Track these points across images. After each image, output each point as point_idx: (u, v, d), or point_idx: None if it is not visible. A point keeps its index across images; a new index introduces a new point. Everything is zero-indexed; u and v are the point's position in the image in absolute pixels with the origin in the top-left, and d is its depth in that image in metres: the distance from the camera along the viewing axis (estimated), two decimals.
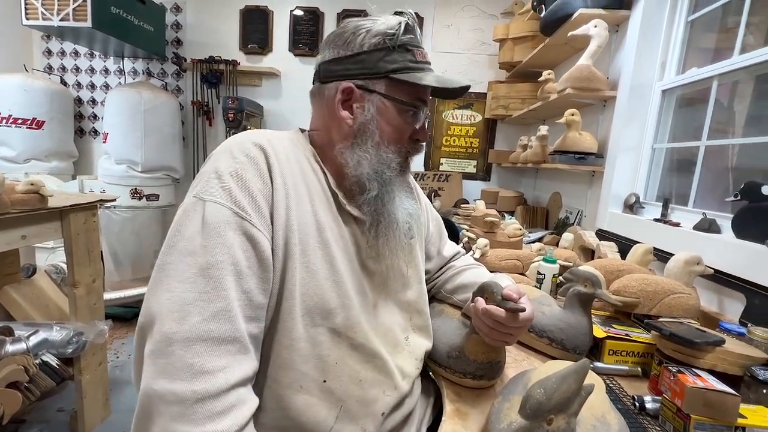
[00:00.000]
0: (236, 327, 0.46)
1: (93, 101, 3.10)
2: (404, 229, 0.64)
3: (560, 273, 1.11)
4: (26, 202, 1.16)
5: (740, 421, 0.56)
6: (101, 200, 1.47)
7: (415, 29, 0.63)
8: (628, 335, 0.83)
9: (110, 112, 2.61)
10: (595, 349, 0.83)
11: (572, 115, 1.66)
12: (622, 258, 1.25)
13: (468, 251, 1.40)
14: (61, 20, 2.24)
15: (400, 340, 0.67)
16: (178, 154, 2.86)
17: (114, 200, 1.62)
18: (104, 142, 2.64)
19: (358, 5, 2.88)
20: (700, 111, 1.35)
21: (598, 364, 0.79)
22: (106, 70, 3.06)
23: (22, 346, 1.19)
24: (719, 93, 1.28)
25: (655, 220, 1.35)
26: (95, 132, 3.13)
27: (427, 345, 0.71)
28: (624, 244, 1.34)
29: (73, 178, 2.84)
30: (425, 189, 2.87)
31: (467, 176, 3.02)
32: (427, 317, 0.74)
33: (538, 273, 1.12)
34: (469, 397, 0.67)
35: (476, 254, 1.30)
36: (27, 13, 2.27)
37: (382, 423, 0.60)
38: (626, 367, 0.79)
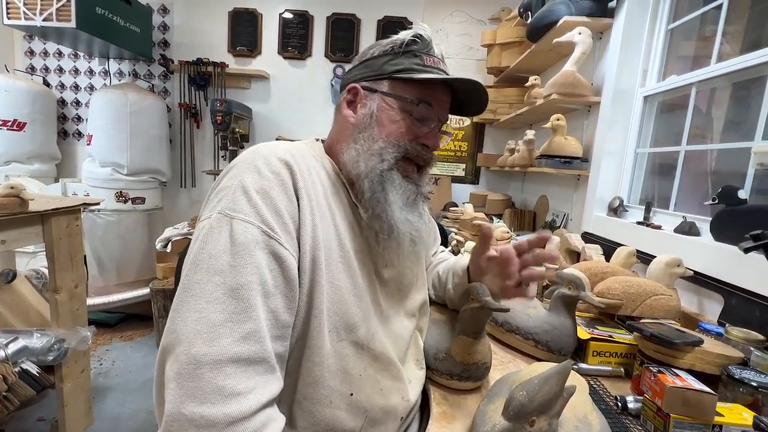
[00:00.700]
0: (265, 347, 0.46)
1: (77, 103, 3.04)
2: (405, 236, 0.62)
3: None
4: (6, 205, 1.14)
5: (717, 419, 0.58)
6: (84, 204, 1.44)
7: (426, 39, 0.64)
8: (611, 337, 0.85)
9: (94, 114, 2.56)
10: (579, 350, 0.85)
11: (558, 120, 1.70)
12: (607, 260, 1.27)
13: (456, 254, 1.41)
14: (44, 20, 2.19)
15: (408, 343, 0.68)
16: (165, 156, 2.82)
17: (98, 203, 1.59)
18: (88, 145, 2.59)
19: (347, 9, 2.89)
20: (680, 117, 1.39)
21: (583, 365, 0.80)
22: (91, 71, 3.01)
23: (0, 354, 1.16)
24: (698, 99, 1.32)
25: (638, 223, 1.38)
26: (79, 134, 3.07)
27: (422, 346, 0.73)
28: (608, 247, 1.37)
29: (56, 180, 2.78)
30: None
31: (456, 180, 3.04)
32: (428, 319, 0.76)
33: None
34: (456, 399, 0.68)
35: (465, 257, 1.31)
36: (8, 13, 2.22)
37: (400, 426, 0.62)
38: (609, 368, 0.80)
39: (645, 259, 1.18)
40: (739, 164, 1.13)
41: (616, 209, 1.54)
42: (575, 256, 1.51)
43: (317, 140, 0.69)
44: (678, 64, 1.48)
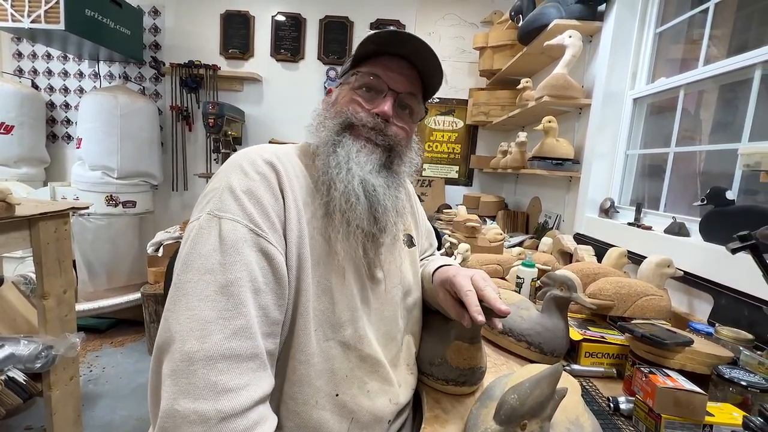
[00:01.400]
0: (256, 344, 0.47)
1: (66, 105, 3.00)
2: (352, 194, 0.58)
3: (539, 277, 1.13)
4: None
5: (708, 419, 0.58)
6: (73, 208, 1.41)
7: (386, 31, 0.61)
8: (603, 337, 0.85)
9: (84, 116, 2.53)
10: (572, 351, 0.85)
11: (549, 122, 1.71)
12: (599, 261, 1.28)
13: (450, 256, 1.41)
14: (32, 22, 2.16)
15: (399, 347, 0.68)
16: (156, 159, 2.79)
17: (87, 207, 1.57)
18: (78, 148, 2.55)
19: (340, 12, 2.89)
20: (669, 119, 1.41)
21: (575, 367, 0.81)
22: (81, 74, 2.97)
23: None
24: (686, 102, 1.34)
25: (629, 224, 1.39)
26: (68, 137, 3.03)
27: (415, 350, 0.73)
28: (600, 248, 1.38)
29: (45, 184, 2.73)
30: None
31: (450, 181, 3.05)
32: (420, 323, 0.76)
33: (518, 277, 1.14)
34: (448, 403, 0.67)
35: (458, 259, 1.31)
36: None
37: (388, 430, 0.62)
38: (602, 369, 0.80)
39: (636, 259, 1.20)
40: (727, 165, 1.15)
41: (608, 210, 1.56)
42: (568, 257, 1.52)
43: (309, 144, 0.69)
44: (666, 66, 1.50)
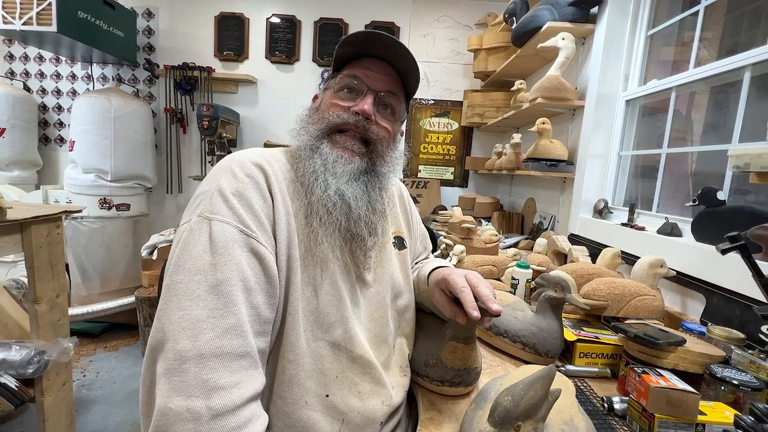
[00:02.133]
0: (247, 342, 0.47)
1: (59, 108, 2.98)
2: (329, 201, 0.58)
3: (534, 278, 1.13)
4: None
5: (700, 418, 0.59)
6: (66, 211, 1.40)
7: (365, 32, 0.62)
8: (597, 338, 0.85)
9: (77, 119, 2.51)
10: (567, 351, 0.86)
11: (543, 123, 1.72)
12: (593, 261, 1.29)
13: (445, 257, 1.41)
14: (23, 24, 2.14)
15: (391, 349, 0.68)
16: (150, 162, 2.77)
17: (80, 211, 1.55)
18: (71, 150, 2.53)
19: (335, 14, 2.89)
20: (661, 120, 1.42)
21: (570, 367, 0.81)
22: (74, 76, 2.95)
23: None
24: (678, 103, 1.35)
25: (623, 224, 1.40)
26: (61, 140, 3.00)
27: (408, 353, 0.73)
28: (595, 248, 1.38)
29: (37, 188, 2.71)
30: None
31: (445, 183, 3.06)
32: (414, 325, 0.76)
33: (513, 278, 1.14)
34: (444, 405, 0.67)
35: (453, 260, 1.31)
36: None
37: (380, 431, 0.62)
38: (596, 369, 0.81)
39: (630, 260, 1.20)
40: (718, 166, 1.16)
41: (602, 211, 1.57)
42: (562, 258, 1.53)
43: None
44: (658, 68, 1.51)
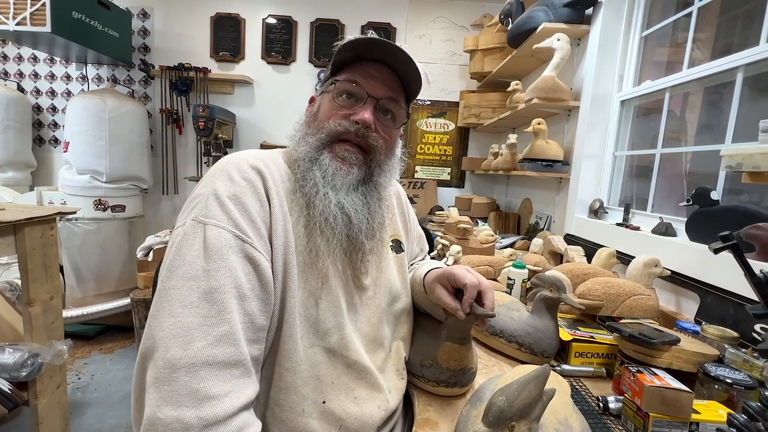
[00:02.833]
0: (240, 350, 0.46)
1: (53, 109, 2.96)
2: (331, 215, 0.58)
3: (529, 278, 1.14)
4: None
5: (694, 416, 0.59)
6: (60, 212, 1.39)
7: (366, 38, 0.62)
8: (593, 337, 0.86)
9: (72, 120, 2.49)
10: (562, 351, 0.86)
11: (539, 124, 1.72)
12: (589, 261, 1.30)
13: (442, 258, 1.41)
14: (17, 24, 2.13)
15: (388, 353, 0.68)
16: (146, 163, 2.75)
17: (74, 212, 1.54)
18: (65, 152, 2.51)
19: (331, 15, 2.89)
20: (655, 120, 1.43)
21: (565, 367, 0.81)
22: (68, 77, 2.93)
23: None
24: (672, 104, 1.36)
25: (618, 224, 1.41)
26: (56, 141, 2.98)
27: (405, 356, 0.72)
28: (590, 248, 1.39)
29: (31, 189, 2.69)
30: None
31: (442, 183, 3.06)
32: (410, 328, 0.75)
33: (509, 278, 1.15)
34: (439, 405, 0.67)
35: (449, 261, 1.31)
36: None
37: None
38: (591, 369, 0.81)
39: (625, 259, 1.21)
40: (712, 166, 1.17)
41: (597, 211, 1.57)
42: (558, 258, 1.53)
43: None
44: (653, 69, 1.52)
